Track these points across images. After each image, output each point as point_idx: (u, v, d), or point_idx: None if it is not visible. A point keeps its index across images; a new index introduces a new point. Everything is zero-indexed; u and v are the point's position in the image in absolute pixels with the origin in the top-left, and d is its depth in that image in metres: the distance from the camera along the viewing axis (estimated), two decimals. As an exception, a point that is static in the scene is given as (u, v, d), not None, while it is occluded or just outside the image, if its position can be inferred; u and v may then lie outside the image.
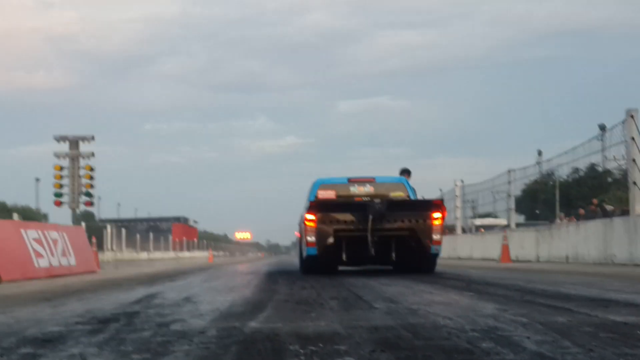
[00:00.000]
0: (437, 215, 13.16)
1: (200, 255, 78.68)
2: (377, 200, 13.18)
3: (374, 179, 15.28)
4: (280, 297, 7.75)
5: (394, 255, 13.29)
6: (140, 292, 9.31)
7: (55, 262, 15.64)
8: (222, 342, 4.20)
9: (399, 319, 5.20)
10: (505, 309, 5.77)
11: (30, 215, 69.84)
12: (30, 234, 14.89)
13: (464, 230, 36.61)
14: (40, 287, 10.86)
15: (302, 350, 3.80)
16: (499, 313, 5.48)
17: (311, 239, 13.06)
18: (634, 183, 17.36)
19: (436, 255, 13.46)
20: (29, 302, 7.82)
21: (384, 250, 13.19)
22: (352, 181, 15.18)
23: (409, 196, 14.76)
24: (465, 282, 10.38)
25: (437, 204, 13.51)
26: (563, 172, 40.65)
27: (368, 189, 14.99)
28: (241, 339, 4.30)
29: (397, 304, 6.52)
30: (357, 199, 14.51)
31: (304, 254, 13.61)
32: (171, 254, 73.74)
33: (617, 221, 18.23)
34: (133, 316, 5.83)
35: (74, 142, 36.49)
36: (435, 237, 13.09)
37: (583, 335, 4.17)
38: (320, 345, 3.97)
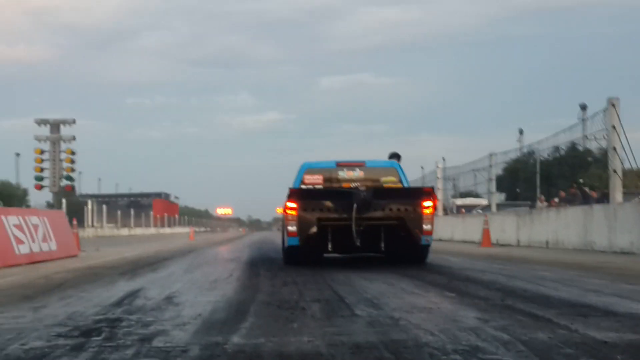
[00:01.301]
0: (427, 204, 12.58)
1: (181, 232, 78.60)
2: (362, 188, 12.68)
3: (364, 163, 14.64)
4: (262, 298, 7.75)
5: (382, 245, 12.81)
6: (122, 287, 9.30)
7: (36, 248, 15.58)
8: (204, 365, 4.20)
9: (381, 334, 5.21)
10: (486, 320, 5.80)
11: (10, 191, 69.42)
12: (11, 220, 14.80)
13: (445, 211, 36.78)
14: (20, 279, 10.80)
15: (285, 380, 3.81)
16: (480, 325, 5.51)
17: (292, 228, 12.67)
18: (615, 171, 17.47)
19: (427, 246, 12.97)
20: (9, 302, 7.78)
21: (371, 240, 12.68)
22: (340, 165, 14.56)
23: (401, 181, 14.23)
24: (447, 276, 10.42)
25: (428, 192, 12.96)
26: (544, 152, 40.87)
27: (358, 173, 14.39)
28: (224, 362, 4.31)
29: (378, 310, 6.54)
30: (345, 184, 13.93)
31: (286, 243, 13.27)
32: (152, 230, 73.68)
33: (597, 208, 18.36)
34: (115, 325, 5.81)
35: (55, 126, 36.21)
36: (426, 227, 12.52)
37: (564, 361, 4.20)
38: (303, 372, 3.99)
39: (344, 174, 14.51)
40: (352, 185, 13.59)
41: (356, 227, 12.41)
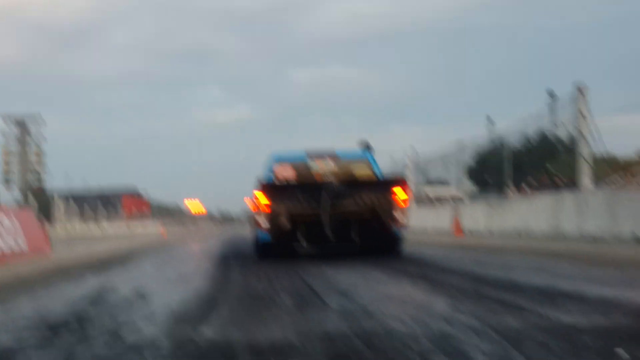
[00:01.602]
0: (399, 194, 12.44)
1: (152, 228, 78.15)
2: (333, 180, 12.62)
3: (335, 153, 14.52)
4: (234, 291, 7.72)
5: (355, 237, 12.62)
6: (92, 283, 9.22)
7: (5, 248, 15.41)
8: None
9: (352, 323, 5.19)
10: (458, 307, 5.81)
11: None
12: (-21, 219, 14.64)
13: (416, 200, 36.84)
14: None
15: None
16: (452, 313, 5.51)
17: (264, 223, 12.51)
18: (583, 157, 17.61)
19: (400, 236, 12.84)
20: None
21: (344, 232, 12.49)
22: (311, 156, 14.46)
23: (373, 172, 14.14)
24: (419, 266, 10.44)
25: (399, 182, 12.95)
26: (513, 140, 41.07)
27: (329, 164, 14.25)
28: (196, 355, 4.28)
29: (350, 301, 6.52)
30: (316, 176, 13.87)
31: (259, 239, 13.05)
32: (123, 227, 73.21)
33: (567, 196, 18.48)
34: (85, 320, 5.73)
35: (23, 124, 35.96)
36: (399, 217, 12.39)
37: (534, 346, 4.21)
38: (275, 363, 3.97)
39: (315, 165, 14.35)
40: (324, 176, 13.49)
41: (328, 219, 12.34)
